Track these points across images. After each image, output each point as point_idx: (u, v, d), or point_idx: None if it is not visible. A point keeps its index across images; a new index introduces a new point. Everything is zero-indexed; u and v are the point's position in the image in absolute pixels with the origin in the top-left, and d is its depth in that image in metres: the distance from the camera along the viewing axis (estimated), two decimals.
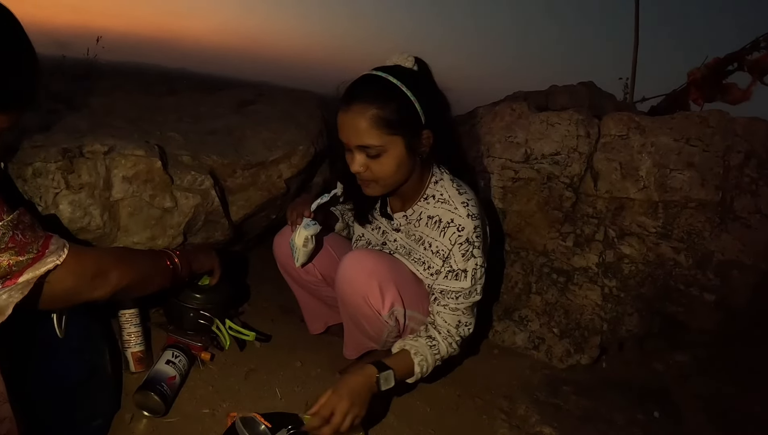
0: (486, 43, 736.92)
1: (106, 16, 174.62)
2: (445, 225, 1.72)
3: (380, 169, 1.65)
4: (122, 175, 1.82)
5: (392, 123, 1.59)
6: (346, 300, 1.78)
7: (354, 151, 1.65)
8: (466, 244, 1.70)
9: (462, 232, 1.69)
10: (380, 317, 1.74)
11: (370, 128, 1.59)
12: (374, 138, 1.60)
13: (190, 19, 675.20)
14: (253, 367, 1.93)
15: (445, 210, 1.74)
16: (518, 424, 1.93)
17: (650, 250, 2.24)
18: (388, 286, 1.71)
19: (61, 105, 2.36)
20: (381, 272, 1.71)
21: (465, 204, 1.71)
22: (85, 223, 1.77)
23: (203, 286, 1.95)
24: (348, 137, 1.63)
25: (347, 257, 1.75)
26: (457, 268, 1.72)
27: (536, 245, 2.37)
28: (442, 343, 1.74)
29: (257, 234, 2.45)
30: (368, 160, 1.64)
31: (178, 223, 1.92)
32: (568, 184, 2.30)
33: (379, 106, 1.58)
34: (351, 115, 1.60)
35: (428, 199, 1.79)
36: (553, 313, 2.34)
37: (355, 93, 1.63)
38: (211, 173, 2.01)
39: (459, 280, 1.72)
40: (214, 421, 1.66)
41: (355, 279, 1.72)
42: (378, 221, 1.95)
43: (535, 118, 2.37)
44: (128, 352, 1.80)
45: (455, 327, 1.75)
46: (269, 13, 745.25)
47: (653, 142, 2.24)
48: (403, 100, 1.61)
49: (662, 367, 2.38)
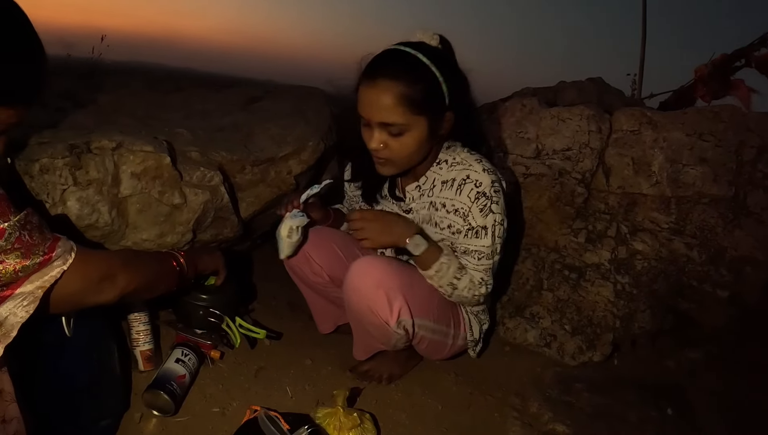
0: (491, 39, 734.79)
1: (111, 15, 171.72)
2: (461, 182, 1.70)
3: (399, 148, 1.62)
4: (130, 172, 1.80)
5: (418, 103, 1.56)
6: (353, 308, 1.76)
7: (374, 127, 1.61)
8: (484, 199, 1.67)
9: (480, 187, 1.67)
10: (388, 327, 1.71)
11: (396, 105, 1.55)
12: (399, 116, 1.56)
13: (195, 17, 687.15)
14: (263, 365, 1.92)
15: (460, 170, 1.72)
16: (530, 422, 1.92)
17: (663, 246, 2.22)
18: (395, 296, 1.67)
19: (67, 103, 2.34)
20: (389, 282, 1.67)
21: (479, 160, 1.70)
22: (93, 220, 1.75)
23: (211, 285, 1.94)
24: (370, 112, 1.60)
25: (355, 265, 1.71)
26: (476, 224, 1.70)
27: (548, 241, 2.36)
28: (465, 278, 1.72)
29: (266, 231, 2.43)
30: (388, 137, 1.61)
31: (187, 220, 1.90)
32: (579, 180, 2.28)
33: (407, 83, 1.55)
34: (376, 90, 1.57)
35: (441, 164, 1.77)
36: (565, 310, 2.31)
37: (381, 67, 1.59)
38: (220, 169, 1.99)
39: (480, 238, 1.70)
40: (225, 420, 1.65)
41: (361, 289, 1.69)
42: (386, 202, 1.93)
43: (546, 114, 2.36)
44: (137, 350, 1.79)
45: (479, 281, 1.74)
46: (271, 11, 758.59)
47: (665, 137, 2.22)
48: (430, 80, 1.58)
49: (675, 364, 2.35)
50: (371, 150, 1.67)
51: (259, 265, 2.61)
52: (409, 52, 1.60)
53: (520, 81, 5.57)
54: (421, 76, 1.57)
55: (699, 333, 2.34)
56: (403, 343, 1.83)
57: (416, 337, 1.80)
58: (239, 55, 51.71)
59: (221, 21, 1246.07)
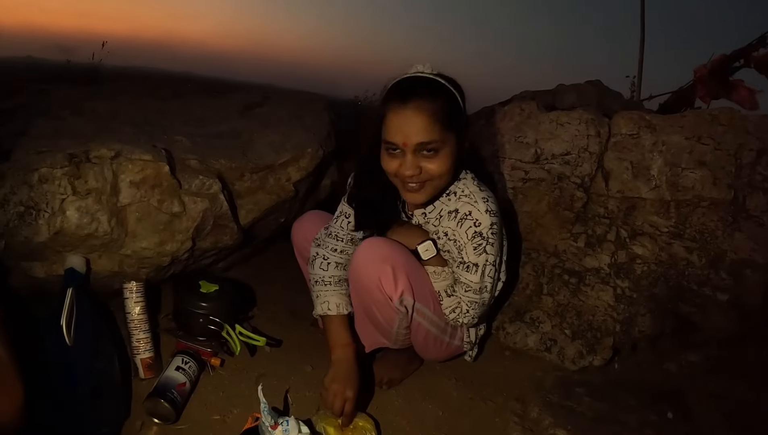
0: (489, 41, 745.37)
1: (110, 20, 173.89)
2: (463, 216, 1.73)
3: (435, 167, 1.62)
4: (129, 180, 1.81)
5: (449, 119, 1.60)
6: (358, 284, 1.77)
7: (408, 152, 1.61)
8: (479, 239, 1.70)
9: (478, 228, 1.70)
10: (391, 303, 1.73)
11: (432, 123, 1.57)
12: (435, 133, 1.58)
13: (193, 22, 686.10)
14: (264, 373, 1.92)
15: (465, 203, 1.74)
16: (531, 426, 1.91)
17: (662, 249, 2.22)
18: (400, 272, 1.70)
19: (66, 111, 2.35)
20: (395, 259, 1.71)
21: (485, 200, 1.72)
22: (92, 229, 1.75)
23: (212, 292, 1.94)
24: (407, 135, 1.59)
25: (364, 243, 1.75)
26: (468, 260, 1.74)
27: (547, 246, 2.36)
28: (453, 296, 1.81)
29: (266, 237, 2.43)
30: (422, 160, 1.62)
31: (186, 228, 1.90)
32: (579, 184, 2.28)
33: (439, 102, 1.59)
34: (409, 113, 1.57)
35: (449, 196, 1.79)
36: (565, 315, 2.31)
37: (409, 90, 1.61)
38: (219, 177, 1.99)
39: (470, 273, 1.75)
40: (225, 428, 1.65)
41: (369, 263, 1.72)
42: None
43: (545, 118, 2.36)
44: (137, 358, 1.79)
45: (465, 309, 1.81)
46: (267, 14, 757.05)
47: (664, 141, 2.22)
48: (453, 99, 1.64)
49: (675, 367, 2.34)
50: (405, 177, 1.65)
51: (258, 272, 2.60)
52: (429, 76, 1.65)
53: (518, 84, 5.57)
54: (447, 95, 1.62)
55: (699, 336, 2.33)
56: (404, 334, 1.85)
57: (415, 323, 1.81)
58: (237, 59, 51.90)
59: (219, 25, 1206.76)
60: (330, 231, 1.95)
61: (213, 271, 2.33)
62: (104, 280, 1.91)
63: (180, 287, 2.00)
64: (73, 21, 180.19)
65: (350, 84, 3.10)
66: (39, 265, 1.81)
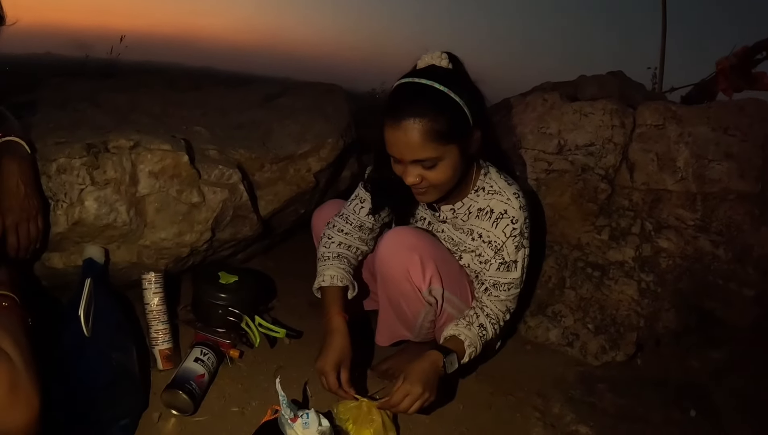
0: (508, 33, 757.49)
1: (127, 17, 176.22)
2: (498, 216, 1.72)
3: (436, 177, 1.60)
4: (148, 170, 1.80)
5: (446, 134, 1.54)
6: (386, 275, 1.76)
7: (407, 165, 1.59)
8: (519, 237, 1.72)
9: (516, 225, 1.71)
10: (419, 294, 1.72)
11: (425, 142, 1.53)
12: (430, 151, 1.54)
13: (211, 17, 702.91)
14: (283, 365, 1.91)
15: (498, 201, 1.74)
16: (553, 422, 1.89)
17: (688, 243, 2.19)
18: (428, 262, 1.69)
19: (84, 103, 2.35)
20: (422, 248, 1.70)
21: (516, 195, 1.73)
22: (111, 220, 1.74)
23: (231, 283, 1.93)
24: (401, 153, 1.57)
25: (389, 233, 1.74)
26: (509, 259, 1.74)
27: (570, 239, 2.34)
28: (490, 330, 1.76)
29: (285, 229, 2.42)
30: (423, 171, 1.59)
31: (206, 219, 1.89)
32: (603, 176, 2.25)
33: (431, 118, 1.52)
34: (402, 132, 1.53)
35: (478, 192, 1.78)
36: (588, 309, 2.29)
37: (401, 106, 1.56)
38: (239, 167, 1.98)
39: (510, 271, 1.75)
40: (244, 420, 1.64)
41: (396, 253, 1.70)
42: (422, 214, 1.92)
43: (568, 109, 2.34)
44: (156, 349, 1.78)
45: (503, 313, 1.79)
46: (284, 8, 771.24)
47: (690, 132, 2.19)
48: (451, 108, 1.56)
49: (699, 364, 2.31)
50: (409, 185, 1.64)
51: (278, 264, 2.60)
52: (425, 84, 1.57)
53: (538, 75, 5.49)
54: (443, 107, 1.55)
55: (724, 332, 2.30)
56: (429, 322, 1.82)
57: (443, 313, 1.80)
58: (255, 53, 52.22)
59: (237, 19, 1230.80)
60: (342, 212, 1.93)
61: (232, 262, 2.32)
62: (123, 271, 1.90)
63: (199, 278, 1.99)
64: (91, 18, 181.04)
65: (367, 77, 3.09)
66: (57, 256, 1.80)
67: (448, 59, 1.64)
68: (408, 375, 1.59)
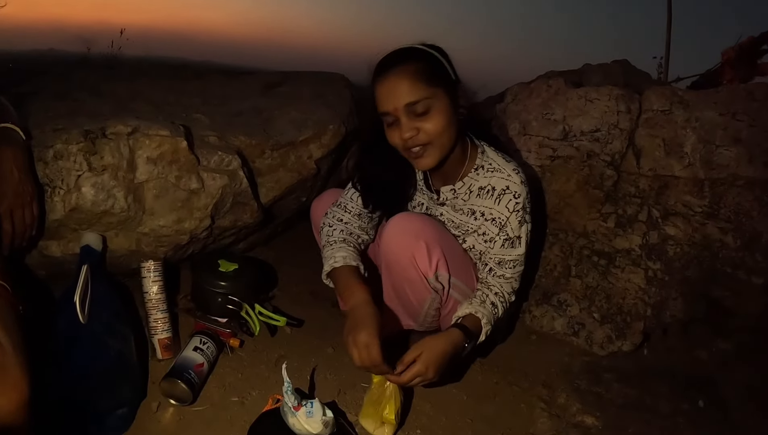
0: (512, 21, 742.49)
1: (127, 11, 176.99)
2: (501, 192, 1.75)
3: (431, 126, 1.63)
4: (146, 156, 1.78)
5: (431, 75, 1.62)
6: (391, 262, 1.75)
7: (401, 116, 1.63)
8: (522, 211, 1.74)
9: (519, 199, 1.74)
10: (425, 281, 1.70)
11: (414, 82, 1.61)
12: (419, 91, 1.61)
13: (210, 10, 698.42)
14: (284, 354, 1.90)
15: (498, 178, 1.76)
16: (558, 413, 1.87)
17: (696, 230, 2.15)
18: (434, 247, 1.68)
19: (84, 92, 2.34)
20: (428, 233, 1.69)
21: (516, 171, 1.76)
22: (108, 206, 1.73)
23: (231, 271, 1.91)
24: (394, 101, 1.63)
25: (393, 219, 1.73)
26: (513, 235, 1.76)
27: (576, 226, 2.31)
28: (500, 308, 1.76)
29: (287, 217, 2.41)
30: (417, 120, 1.63)
31: (205, 205, 1.88)
32: (609, 162, 2.23)
33: (415, 62, 1.63)
34: (392, 79, 1.62)
35: (478, 170, 1.79)
36: (594, 298, 2.26)
37: (389, 61, 1.66)
38: (239, 153, 1.97)
39: (515, 247, 1.77)
40: (244, 410, 1.62)
41: (402, 239, 1.69)
42: (420, 199, 1.92)
43: (573, 94, 2.32)
44: (155, 338, 1.77)
45: (509, 293, 1.80)
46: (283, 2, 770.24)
47: (698, 117, 2.16)
48: (434, 59, 1.67)
49: (707, 354, 2.29)
50: (405, 141, 1.66)
51: (280, 253, 2.59)
52: (408, 46, 1.70)
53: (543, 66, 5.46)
54: (424, 56, 1.67)
55: (732, 322, 2.27)
56: (434, 311, 1.81)
57: (450, 300, 1.79)
58: (255, 46, 52.41)
59: (236, 12, 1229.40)
60: (339, 202, 1.92)
61: (233, 251, 2.31)
62: (122, 259, 1.89)
63: (198, 266, 1.98)
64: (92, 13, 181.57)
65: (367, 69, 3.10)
66: (55, 244, 1.79)
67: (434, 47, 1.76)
68: (425, 355, 1.56)
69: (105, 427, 1.46)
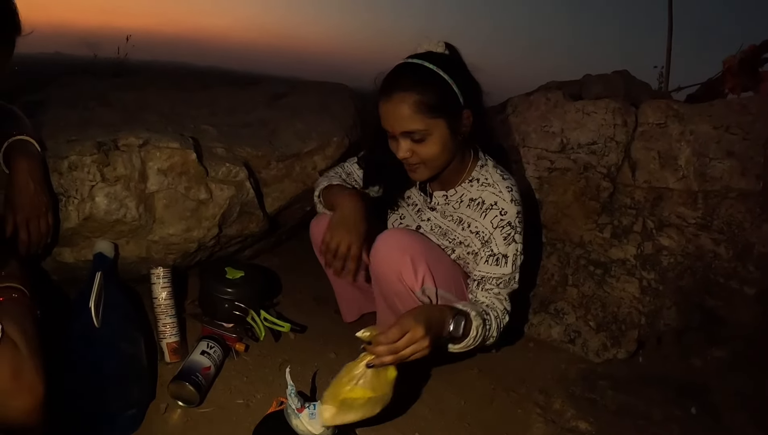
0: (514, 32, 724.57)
1: (134, 16, 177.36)
2: (488, 207, 1.76)
3: (426, 152, 1.67)
4: (157, 168, 1.83)
5: (433, 107, 1.62)
6: (379, 276, 1.79)
7: (399, 138, 1.67)
8: (508, 228, 1.73)
9: (504, 216, 1.73)
10: (413, 295, 1.73)
11: (413, 114, 1.62)
12: (417, 123, 1.62)
13: (217, 16, 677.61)
14: (288, 358, 1.93)
15: (490, 193, 1.77)
16: (554, 418, 1.91)
17: (689, 241, 2.20)
18: (419, 262, 1.70)
19: (93, 101, 2.38)
20: (413, 248, 1.72)
21: (509, 189, 1.75)
22: (121, 215, 1.77)
23: (237, 278, 1.95)
24: (392, 125, 1.66)
25: (381, 236, 1.76)
26: (498, 251, 1.74)
27: (573, 236, 2.35)
28: (493, 321, 1.67)
29: (291, 226, 2.45)
30: (413, 144, 1.67)
31: (213, 215, 1.92)
32: (605, 174, 2.27)
33: (419, 91, 1.61)
34: (393, 104, 1.64)
35: (472, 182, 1.82)
36: (590, 306, 2.30)
37: (394, 82, 1.66)
38: (246, 165, 2.01)
39: (500, 266, 1.74)
40: (248, 412, 1.66)
41: (388, 255, 1.73)
42: (414, 198, 1.96)
43: (571, 107, 2.36)
44: (163, 342, 1.81)
45: (501, 311, 1.72)
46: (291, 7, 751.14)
47: (692, 130, 2.20)
48: (440, 84, 1.65)
49: (700, 362, 2.32)
50: (401, 159, 1.72)
51: (284, 260, 2.62)
52: (416, 62, 1.67)
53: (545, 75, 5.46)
54: (431, 81, 1.64)
55: (725, 331, 2.29)
56: None
57: None
58: (261, 52, 52.11)
59: (242, 18, 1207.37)
60: (341, 165, 2.05)
61: (239, 258, 2.35)
62: (132, 266, 1.93)
63: (206, 273, 2.01)
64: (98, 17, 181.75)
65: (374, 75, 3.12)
66: (68, 251, 1.83)
67: (444, 46, 1.74)
68: (414, 314, 1.46)
69: (116, 427, 1.50)
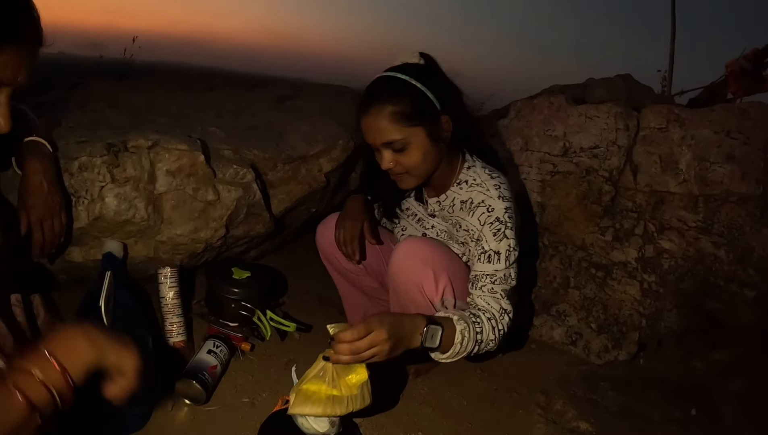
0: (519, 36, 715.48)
1: (140, 17, 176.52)
2: (476, 205, 1.75)
3: (408, 160, 1.69)
4: (166, 169, 1.86)
5: (409, 116, 1.65)
6: (399, 288, 1.76)
7: (381, 149, 1.70)
8: (497, 223, 1.70)
9: (492, 212, 1.71)
10: (431, 306, 1.71)
11: (390, 124, 1.65)
12: (395, 133, 1.65)
13: (223, 17, 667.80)
14: (293, 358, 1.95)
15: (477, 192, 1.77)
16: (555, 419, 1.92)
17: (690, 244, 2.21)
18: (441, 274, 1.70)
19: (102, 103, 2.40)
20: (435, 260, 1.71)
21: (497, 186, 1.74)
22: (130, 216, 1.80)
23: (243, 279, 1.98)
24: (373, 138, 1.70)
25: (401, 245, 1.74)
26: (489, 248, 1.70)
27: (575, 239, 2.37)
28: (486, 324, 1.61)
29: (297, 227, 2.47)
30: (396, 155, 1.69)
31: (220, 216, 1.95)
32: (607, 178, 2.29)
33: (394, 102, 1.64)
34: (371, 118, 1.67)
35: (461, 185, 1.82)
36: (591, 308, 2.32)
37: (370, 96, 1.70)
38: (253, 167, 2.03)
39: (492, 263, 1.69)
40: (254, 411, 1.68)
41: (410, 267, 1.71)
42: (414, 209, 1.97)
43: (574, 111, 2.37)
44: (171, 341, 1.84)
45: (498, 312, 1.65)
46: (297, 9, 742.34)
47: (693, 135, 2.22)
48: (414, 93, 1.67)
49: (701, 364, 2.33)
50: (386, 170, 1.75)
51: (290, 261, 2.65)
52: (390, 75, 1.71)
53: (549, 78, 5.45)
54: (405, 91, 1.67)
55: (726, 333, 2.31)
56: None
57: None
58: (267, 54, 51.92)
59: (248, 20, 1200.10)
60: None
61: (245, 259, 2.38)
62: (140, 266, 1.96)
63: (213, 273, 2.04)
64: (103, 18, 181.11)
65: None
66: (77, 250, 1.85)
67: (419, 57, 1.78)
68: (383, 319, 1.44)
69: (124, 424, 1.52)
